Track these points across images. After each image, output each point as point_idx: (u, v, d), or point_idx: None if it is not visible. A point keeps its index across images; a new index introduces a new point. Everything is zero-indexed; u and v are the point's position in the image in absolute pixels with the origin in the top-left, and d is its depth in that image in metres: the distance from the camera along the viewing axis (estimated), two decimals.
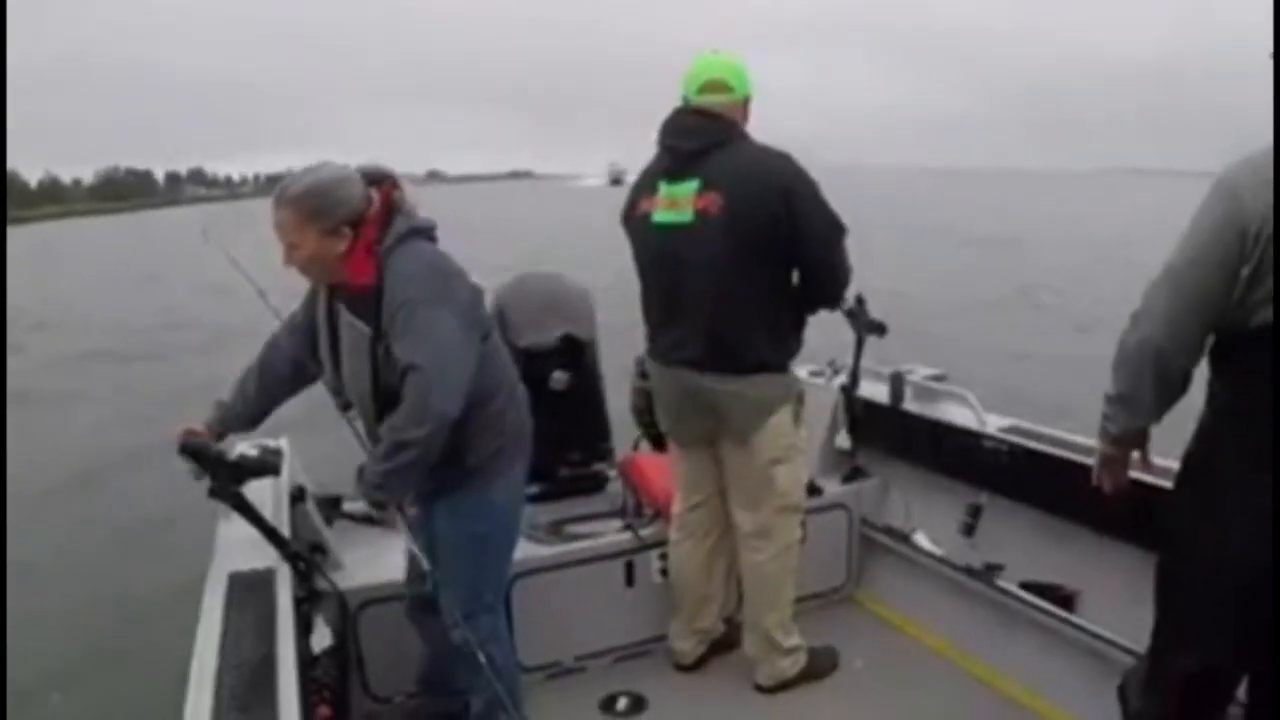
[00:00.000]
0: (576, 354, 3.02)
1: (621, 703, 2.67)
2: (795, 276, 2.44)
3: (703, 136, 2.37)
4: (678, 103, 2.47)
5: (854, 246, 2.45)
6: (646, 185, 2.48)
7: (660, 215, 2.42)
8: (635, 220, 2.51)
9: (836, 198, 2.40)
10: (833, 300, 2.61)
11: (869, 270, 2.70)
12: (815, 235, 2.36)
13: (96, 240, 43.55)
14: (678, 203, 2.38)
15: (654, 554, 2.87)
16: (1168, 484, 1.87)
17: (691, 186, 2.35)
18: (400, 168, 2.10)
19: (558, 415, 3.02)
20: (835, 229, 2.38)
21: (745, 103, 2.46)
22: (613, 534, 2.86)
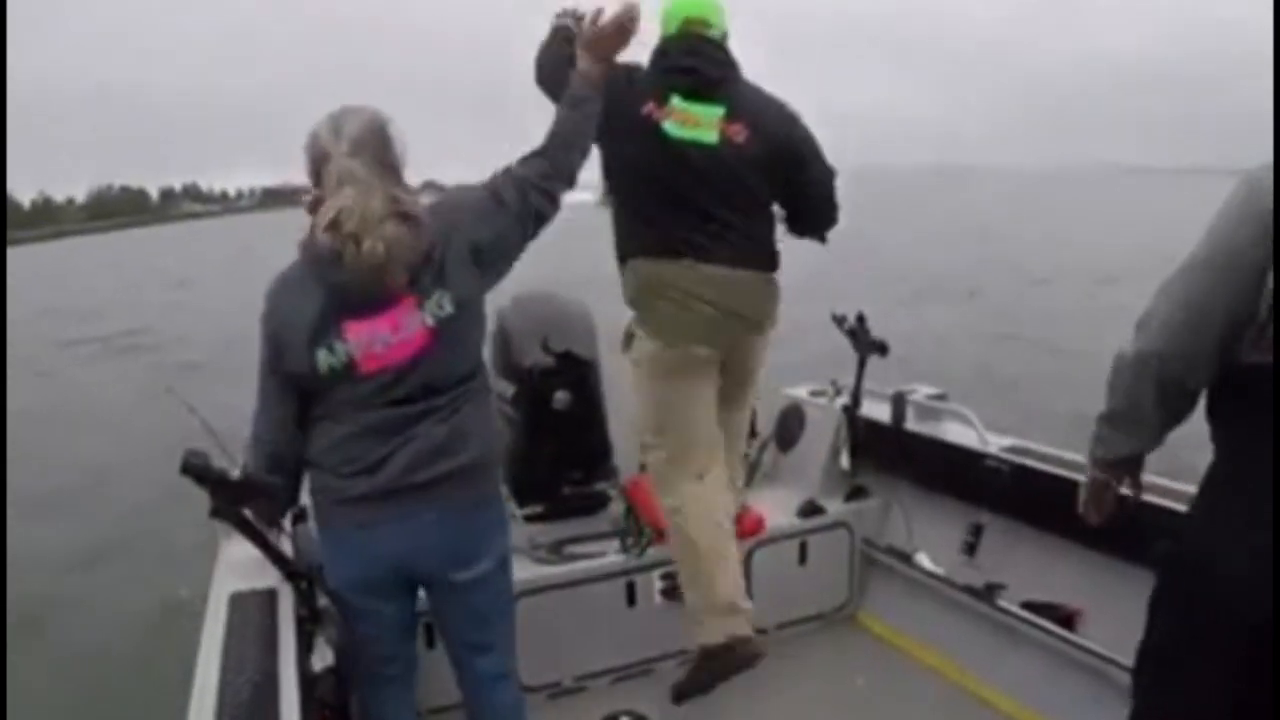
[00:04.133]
0: (578, 373, 3.03)
1: None
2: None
3: (721, 66, 2.43)
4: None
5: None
6: (651, 92, 2.40)
7: (674, 128, 2.39)
8: (636, 121, 2.38)
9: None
10: (826, 228, 2.68)
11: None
12: (822, 172, 2.55)
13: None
14: (698, 122, 2.39)
15: (655, 574, 2.87)
16: (1168, 503, 1.87)
17: (716, 111, 2.39)
18: None
19: (559, 434, 3.03)
20: (831, 169, 2.58)
21: (724, 39, 2.49)
22: (614, 554, 2.86)
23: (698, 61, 2.41)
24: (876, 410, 3.23)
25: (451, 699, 2.43)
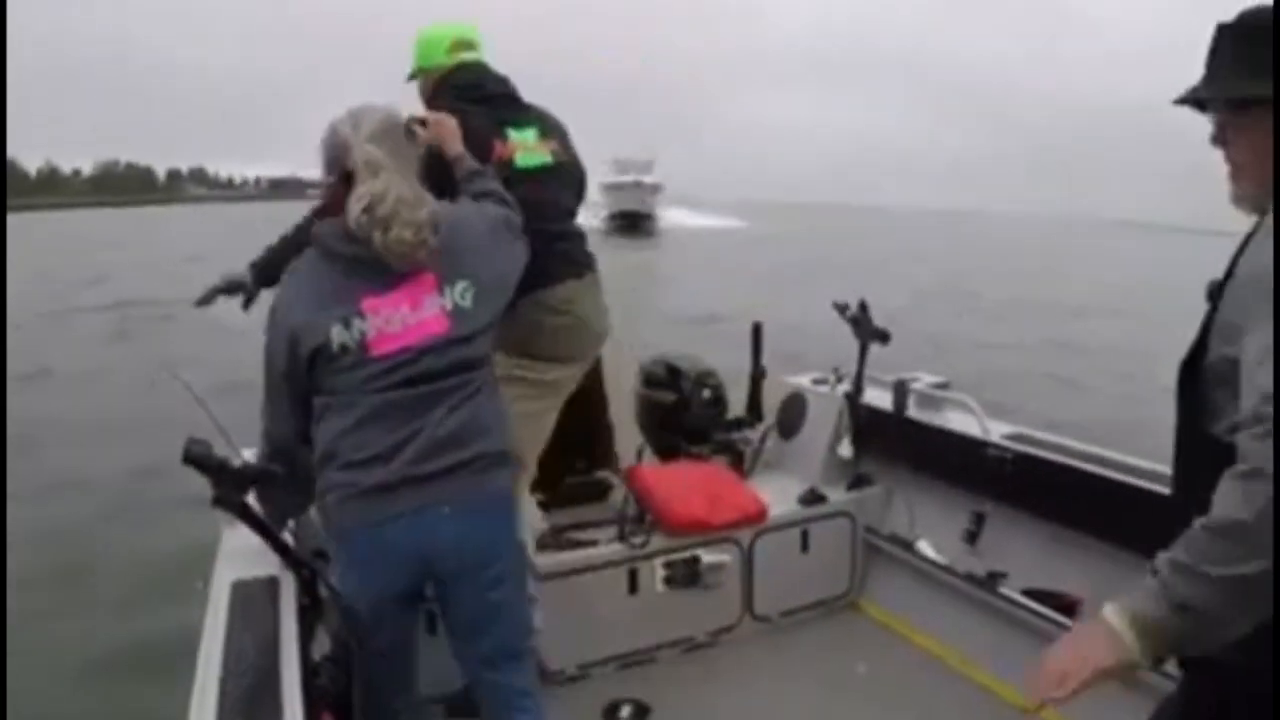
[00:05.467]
0: None
1: (625, 710, 2.67)
2: None
3: (511, 86, 2.48)
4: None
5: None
6: (491, 130, 2.34)
7: (523, 159, 2.39)
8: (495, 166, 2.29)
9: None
10: None
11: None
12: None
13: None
14: (531, 146, 2.41)
15: (658, 562, 2.87)
16: (1160, 489, 1.86)
17: (533, 132, 2.42)
18: None
19: (562, 422, 3.03)
20: None
21: None
22: (616, 541, 2.87)
23: (502, 86, 2.45)
24: (878, 398, 3.23)
25: (449, 687, 2.44)
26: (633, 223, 48.92)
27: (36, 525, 5.45)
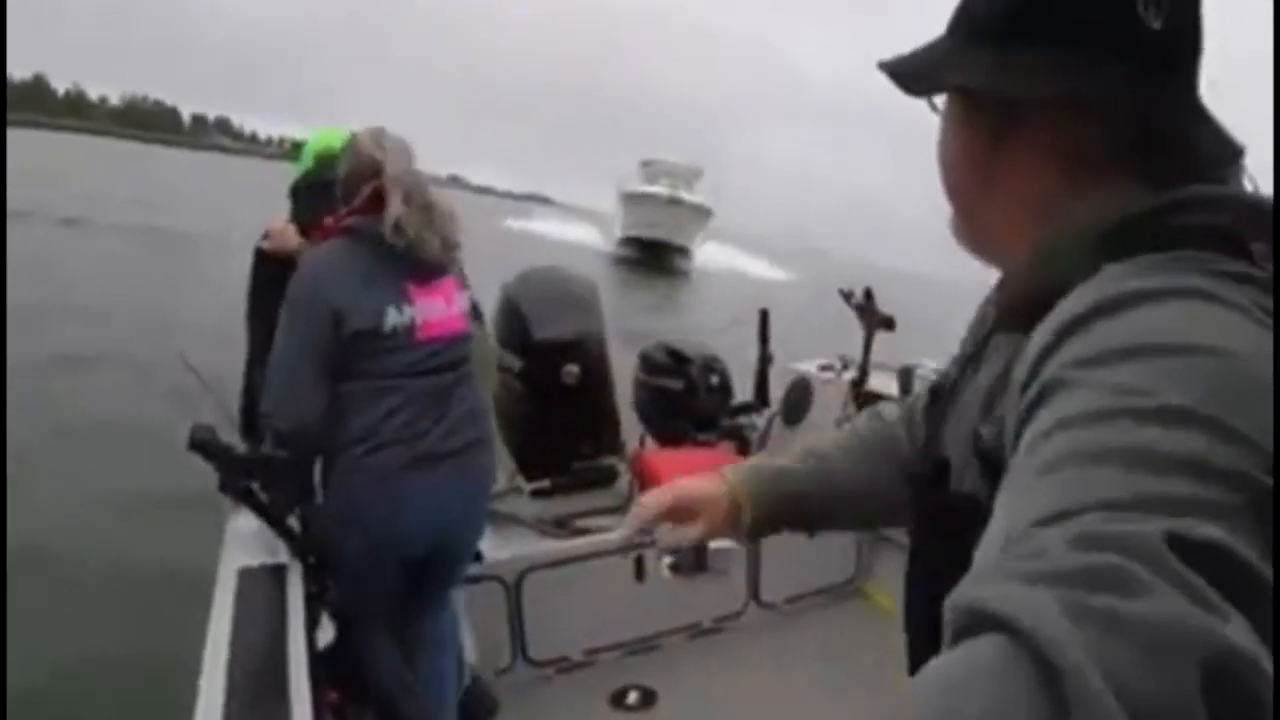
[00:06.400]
0: (587, 347, 3.02)
1: (632, 696, 2.68)
2: None
3: None
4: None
5: None
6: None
7: None
8: None
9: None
10: None
11: None
12: None
13: None
14: None
15: None
16: None
17: None
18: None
19: (569, 409, 3.03)
20: None
21: None
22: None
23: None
24: (884, 384, 3.22)
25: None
26: (656, 255, 31.97)
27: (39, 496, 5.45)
